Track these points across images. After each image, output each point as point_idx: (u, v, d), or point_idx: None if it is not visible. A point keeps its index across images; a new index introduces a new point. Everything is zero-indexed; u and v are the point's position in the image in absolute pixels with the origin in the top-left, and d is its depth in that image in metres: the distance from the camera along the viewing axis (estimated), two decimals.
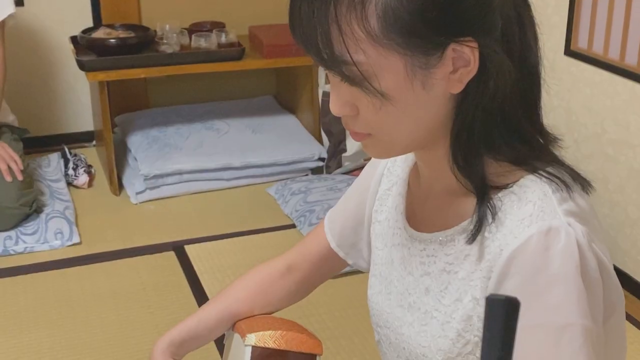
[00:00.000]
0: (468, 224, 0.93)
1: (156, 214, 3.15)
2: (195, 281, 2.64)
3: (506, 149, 0.91)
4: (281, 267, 1.28)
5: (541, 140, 0.95)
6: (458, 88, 0.88)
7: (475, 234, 0.91)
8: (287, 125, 3.69)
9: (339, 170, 3.45)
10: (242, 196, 3.30)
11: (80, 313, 2.47)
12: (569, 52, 2.74)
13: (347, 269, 2.73)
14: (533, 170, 0.92)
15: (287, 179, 3.38)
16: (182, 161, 3.30)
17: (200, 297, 2.53)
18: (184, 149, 3.40)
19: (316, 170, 3.49)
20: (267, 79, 4.00)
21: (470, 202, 0.94)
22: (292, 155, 3.44)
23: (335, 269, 1.30)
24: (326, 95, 3.42)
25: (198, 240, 2.91)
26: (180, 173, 3.29)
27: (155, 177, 3.25)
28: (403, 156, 1.11)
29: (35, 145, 3.56)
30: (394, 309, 1.07)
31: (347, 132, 3.44)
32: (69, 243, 2.86)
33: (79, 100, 3.75)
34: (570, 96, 2.77)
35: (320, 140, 3.55)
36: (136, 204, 3.21)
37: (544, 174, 0.91)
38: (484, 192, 0.91)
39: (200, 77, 3.83)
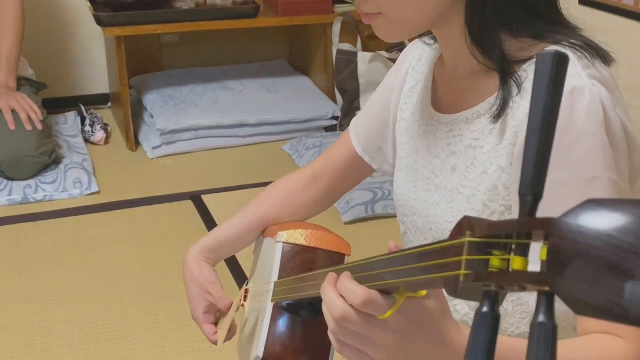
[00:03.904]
0: (494, 99, 0.96)
1: (173, 168, 3.19)
2: (214, 227, 2.67)
3: (524, 26, 0.93)
4: (307, 176, 1.30)
5: (561, 21, 0.97)
6: None
7: (502, 108, 0.94)
8: (301, 85, 3.72)
9: None
10: (258, 153, 3.33)
11: (102, 254, 2.51)
12: (584, 0, 2.75)
13: (362, 214, 2.75)
14: (555, 42, 0.94)
15: (302, 136, 3.41)
16: (198, 117, 3.33)
17: None
18: (199, 106, 3.43)
19: (330, 129, 3.51)
20: (281, 43, 4.03)
21: (495, 80, 0.96)
22: (307, 114, 3.46)
23: (359, 176, 1.32)
24: (341, 53, 3.44)
25: (215, 191, 2.95)
26: (195, 129, 3.32)
27: (172, 132, 3.28)
28: (427, 54, 1.14)
29: (51, 106, 3.58)
30: (420, 194, 1.09)
31: (361, 90, 3.49)
32: (88, 192, 2.90)
33: (94, 62, 3.78)
34: None
35: (334, 100, 3.57)
36: (153, 158, 3.25)
37: (566, 44, 0.93)
38: (504, 66, 0.94)
39: (214, 40, 3.85)
